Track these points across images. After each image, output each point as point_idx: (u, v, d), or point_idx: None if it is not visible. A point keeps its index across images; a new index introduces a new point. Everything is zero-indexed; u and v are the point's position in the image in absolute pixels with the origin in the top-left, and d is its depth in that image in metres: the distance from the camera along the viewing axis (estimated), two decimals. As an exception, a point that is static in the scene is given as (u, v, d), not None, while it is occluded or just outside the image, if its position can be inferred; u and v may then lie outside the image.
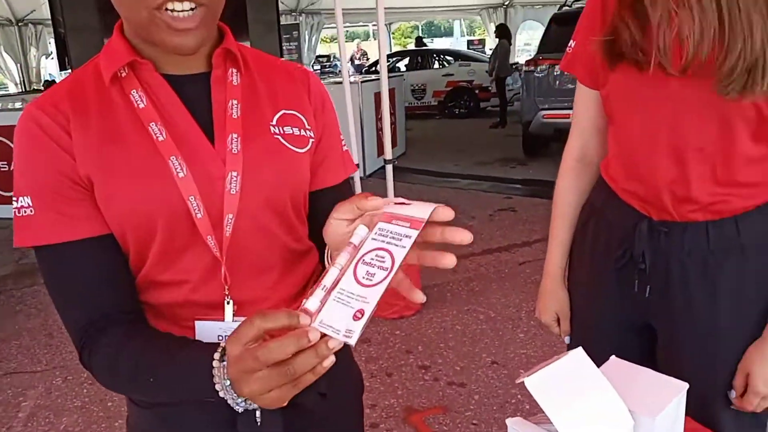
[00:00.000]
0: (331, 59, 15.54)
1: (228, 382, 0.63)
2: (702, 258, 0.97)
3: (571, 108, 1.18)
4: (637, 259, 1.02)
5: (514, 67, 10.93)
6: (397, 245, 0.59)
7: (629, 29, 0.92)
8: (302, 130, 0.82)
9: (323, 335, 0.58)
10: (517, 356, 2.85)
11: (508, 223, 4.85)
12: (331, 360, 0.58)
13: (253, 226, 0.78)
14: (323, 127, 0.86)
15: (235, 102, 0.78)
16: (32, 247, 0.75)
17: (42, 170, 0.72)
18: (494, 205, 5.40)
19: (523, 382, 0.66)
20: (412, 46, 18.94)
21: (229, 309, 0.78)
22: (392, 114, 7.60)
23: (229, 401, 0.65)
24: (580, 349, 0.70)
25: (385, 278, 0.58)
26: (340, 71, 15.90)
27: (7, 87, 14.54)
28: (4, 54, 13.09)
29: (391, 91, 7.52)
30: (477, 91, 11.24)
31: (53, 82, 12.41)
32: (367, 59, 16.95)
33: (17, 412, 2.63)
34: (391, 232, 0.60)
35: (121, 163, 0.72)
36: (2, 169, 5.65)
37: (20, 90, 12.63)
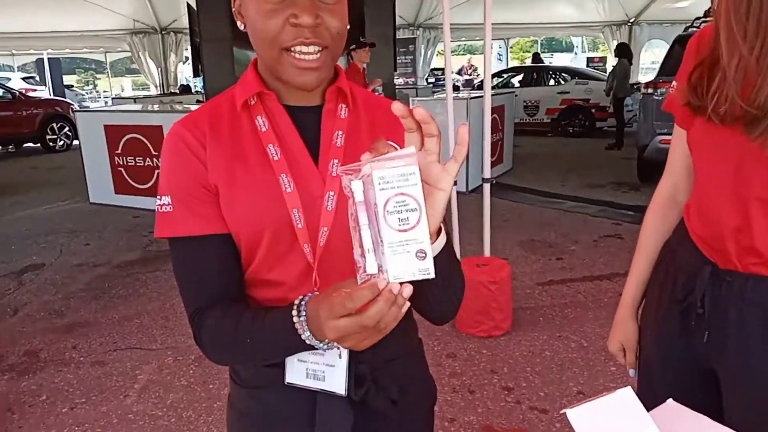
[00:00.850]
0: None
1: (309, 333, 0.74)
2: (762, 312, 0.96)
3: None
4: (696, 304, 1.02)
5: (635, 87, 10.46)
6: (407, 185, 0.63)
7: (702, 78, 0.94)
8: None
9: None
10: (606, 389, 2.73)
11: (613, 251, 4.68)
12: (408, 290, 0.65)
13: (344, 240, 0.87)
14: None
15: (340, 132, 0.90)
16: (167, 238, 0.89)
17: (181, 176, 0.87)
18: (600, 230, 5.22)
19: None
20: (529, 61, 18.63)
21: None
22: (500, 130, 7.55)
23: (317, 347, 0.76)
24: (629, 388, 0.72)
25: (420, 217, 0.63)
26: (456, 86, 15.97)
27: (149, 88, 16.00)
28: (148, 59, 14.42)
29: (500, 108, 7.48)
30: (593, 110, 10.87)
31: (188, 86, 13.51)
32: (477, 74, 16.86)
33: (133, 383, 2.93)
34: (393, 177, 0.63)
35: (242, 177, 0.86)
36: (139, 165, 6.27)
37: (159, 92, 13.84)
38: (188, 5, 8.65)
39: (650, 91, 6.24)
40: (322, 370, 0.90)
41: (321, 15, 0.79)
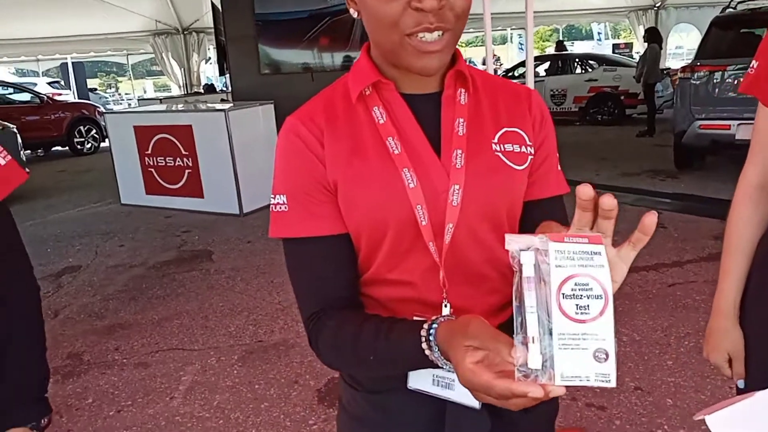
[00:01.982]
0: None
1: (446, 366, 0.69)
2: None
3: (731, 118, 1.09)
4: None
5: (664, 72, 10.22)
6: (593, 266, 0.53)
7: None
8: (522, 147, 0.86)
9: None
10: (664, 384, 2.66)
11: (656, 240, 4.52)
12: (561, 390, 0.57)
13: (471, 236, 0.83)
14: (542, 141, 0.89)
15: (461, 120, 0.83)
16: (281, 239, 0.84)
17: (297, 174, 0.82)
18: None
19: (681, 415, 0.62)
20: (549, 50, 18.36)
21: (446, 311, 0.84)
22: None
23: (449, 370, 0.70)
24: None
25: (605, 308, 0.53)
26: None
27: (170, 89, 16.10)
28: (171, 59, 14.49)
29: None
30: (623, 98, 10.64)
31: (212, 86, 13.55)
32: (500, 64, 16.68)
33: (178, 384, 2.91)
34: (574, 253, 0.53)
35: (363, 173, 0.80)
36: (169, 165, 6.27)
37: (182, 93, 13.91)
38: (212, 4, 8.64)
39: (687, 75, 6.05)
40: (452, 378, 0.84)
41: None
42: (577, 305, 0.53)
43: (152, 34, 14.11)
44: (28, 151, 10.08)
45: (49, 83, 19.25)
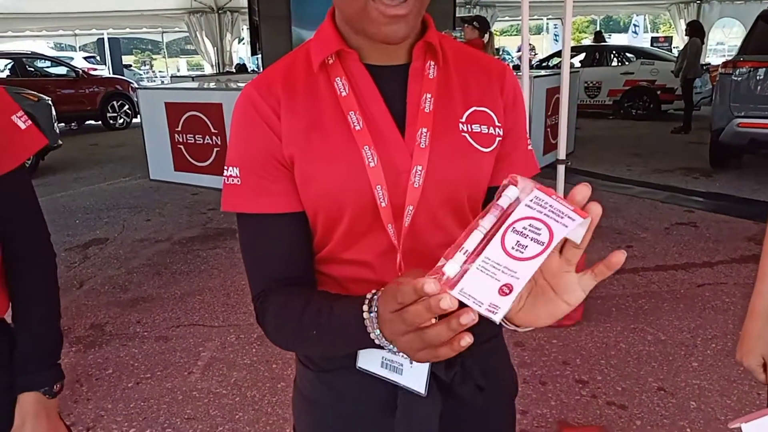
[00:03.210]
0: (500, 52, 15.29)
1: (378, 332, 0.64)
2: None
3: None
4: None
5: (704, 68, 9.92)
6: (557, 221, 0.52)
7: None
8: (491, 128, 0.81)
9: (462, 305, 0.53)
10: (688, 386, 2.59)
11: (687, 239, 4.42)
12: (467, 340, 0.55)
13: (430, 220, 0.79)
14: (512, 124, 0.85)
15: (429, 96, 0.78)
16: (234, 213, 0.81)
17: (252, 147, 0.78)
18: (672, 217, 4.95)
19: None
20: (585, 42, 17.98)
21: None
22: (563, 112, 7.28)
23: (386, 348, 0.66)
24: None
25: (540, 253, 0.52)
26: (508, 64, 15.60)
27: (203, 68, 16.22)
28: (205, 38, 14.59)
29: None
30: (659, 92, 10.37)
31: (243, 65, 13.60)
32: (535, 54, 16.42)
33: (197, 360, 2.93)
34: (551, 206, 0.53)
35: (321, 148, 0.76)
36: (198, 142, 6.31)
37: (215, 72, 14.00)
38: (247, -16, 8.64)
39: (728, 71, 5.85)
40: (399, 362, 0.81)
41: None
42: (517, 242, 0.53)
43: (187, 12, 14.22)
44: (62, 124, 10.26)
45: (85, 58, 19.54)
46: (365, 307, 0.66)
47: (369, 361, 0.83)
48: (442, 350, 0.57)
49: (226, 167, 0.80)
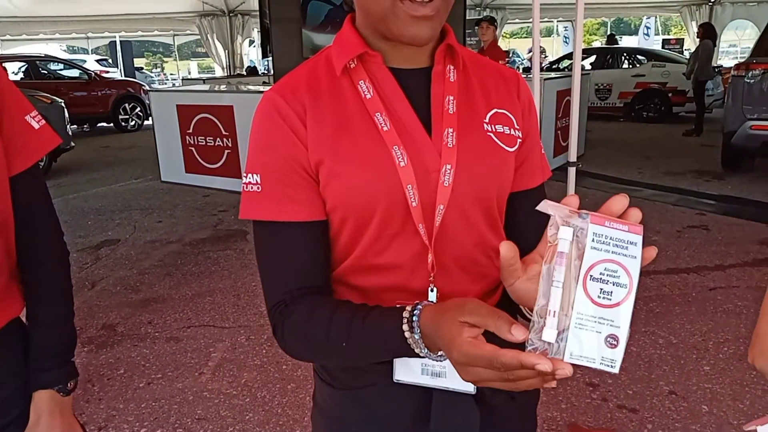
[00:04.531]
0: (510, 55, 15.27)
1: (427, 350, 0.65)
2: None
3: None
4: None
5: (716, 70, 9.85)
6: (626, 255, 0.53)
7: None
8: (512, 130, 0.82)
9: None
10: (700, 390, 2.57)
11: (698, 243, 4.39)
12: (552, 384, 0.56)
13: (462, 219, 0.79)
14: (529, 128, 0.86)
15: (451, 98, 0.79)
16: (252, 221, 0.80)
17: (275, 153, 0.76)
18: (683, 221, 4.92)
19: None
20: (597, 44, 17.91)
21: (432, 296, 0.80)
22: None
23: (432, 359, 0.67)
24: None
25: (627, 297, 0.53)
26: (518, 67, 15.55)
27: (214, 71, 16.31)
28: (216, 41, 14.67)
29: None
30: (670, 95, 10.31)
31: (254, 68, 13.68)
32: (545, 56, 16.37)
33: (207, 360, 2.94)
34: (612, 238, 0.53)
35: (350, 150, 0.75)
36: (209, 144, 6.35)
37: (226, 74, 14.07)
38: (258, -13, 8.69)
39: (741, 73, 5.81)
40: (443, 365, 0.80)
41: None
42: (601, 289, 0.53)
43: (198, 15, 14.31)
44: (75, 126, 10.36)
45: (97, 61, 19.73)
46: (405, 327, 0.66)
47: (407, 372, 0.82)
48: (518, 374, 0.56)
49: (245, 174, 0.79)
